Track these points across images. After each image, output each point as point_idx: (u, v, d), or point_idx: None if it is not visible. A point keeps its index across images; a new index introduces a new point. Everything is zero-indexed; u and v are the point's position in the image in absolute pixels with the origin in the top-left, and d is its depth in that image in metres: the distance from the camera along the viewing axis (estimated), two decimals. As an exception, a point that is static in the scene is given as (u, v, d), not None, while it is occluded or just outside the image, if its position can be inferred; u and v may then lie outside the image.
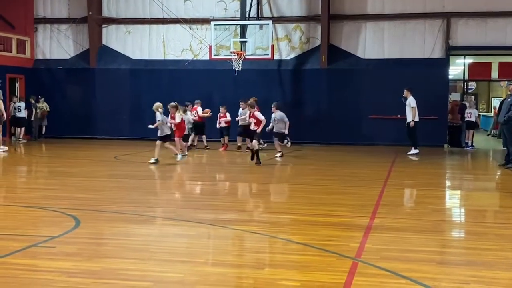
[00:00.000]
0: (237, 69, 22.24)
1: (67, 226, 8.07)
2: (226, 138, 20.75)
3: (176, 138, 16.87)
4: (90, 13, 25.43)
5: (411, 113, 19.23)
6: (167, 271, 5.29)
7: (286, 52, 24.75)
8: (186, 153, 17.30)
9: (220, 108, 20.90)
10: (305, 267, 6.16)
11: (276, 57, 23.87)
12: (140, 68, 25.04)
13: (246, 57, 22.33)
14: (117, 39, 26.09)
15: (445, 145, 23.43)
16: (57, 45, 26.55)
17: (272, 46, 22.95)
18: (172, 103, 16.97)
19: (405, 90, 19.59)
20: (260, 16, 24.39)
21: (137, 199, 10.90)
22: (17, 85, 25.57)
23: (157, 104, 16.41)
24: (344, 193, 11.57)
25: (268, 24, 23.01)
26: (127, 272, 5.84)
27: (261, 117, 16.73)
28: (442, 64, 23.45)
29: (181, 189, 12.82)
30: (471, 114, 23.02)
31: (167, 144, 16.51)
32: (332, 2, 23.89)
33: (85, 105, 25.24)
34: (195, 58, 25.14)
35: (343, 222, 8.69)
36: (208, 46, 23.37)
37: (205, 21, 24.25)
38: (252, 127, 16.75)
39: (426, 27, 23.53)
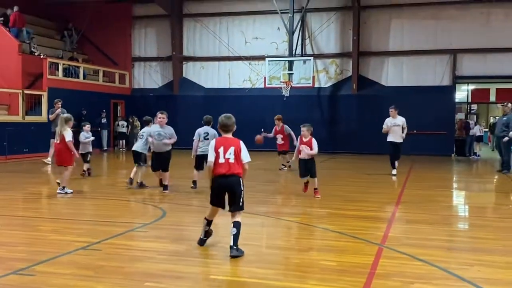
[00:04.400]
0: (285, 95, 22.36)
1: (157, 215, 8.25)
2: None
3: (69, 168, 10.42)
4: (174, 53, 25.97)
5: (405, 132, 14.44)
6: (226, 255, 5.38)
7: (324, 81, 24.69)
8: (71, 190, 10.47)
9: (302, 129, 9.99)
10: (340, 251, 6.13)
11: (316, 85, 23.87)
12: (211, 95, 25.36)
13: (293, 85, 22.43)
14: (194, 72, 26.50)
15: (452, 155, 22.94)
16: (149, 77, 27.16)
17: (313, 77, 23.04)
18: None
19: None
20: (304, 53, 24.43)
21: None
22: (118, 108, 26.22)
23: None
24: (371, 193, 11.42)
25: (310, 59, 23.12)
26: (202, 252, 5.93)
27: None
28: (450, 90, 23.06)
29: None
30: (480, 130, 23.14)
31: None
32: (361, 42, 23.78)
33: (168, 124, 25.58)
34: (253, 87, 25.33)
35: (371, 215, 8.61)
36: (263, 77, 23.60)
37: (261, 58, 24.45)
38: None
39: (436, 60, 23.18)
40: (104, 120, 23.73)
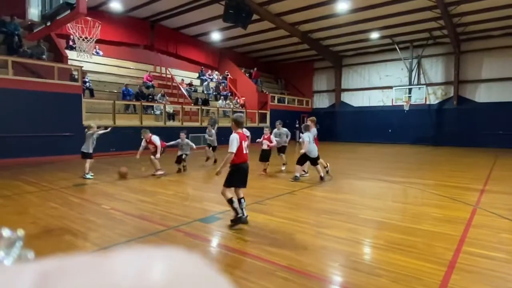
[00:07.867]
0: (406, 109, 20.20)
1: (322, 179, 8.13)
2: None
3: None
4: (336, 87, 25.30)
5: None
6: (370, 204, 5.09)
7: (433, 99, 21.42)
8: None
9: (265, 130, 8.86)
10: (444, 207, 5.39)
11: (427, 102, 20.96)
12: (357, 110, 24.11)
13: (411, 103, 20.19)
14: (347, 97, 25.33)
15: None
16: (321, 101, 26.85)
17: (425, 98, 20.42)
18: None
19: None
20: (418, 83, 21.61)
21: (359, 169, 10.48)
22: (305, 119, 26.50)
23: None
24: (467, 171, 9.70)
25: (423, 87, 20.55)
26: (353, 199, 5.73)
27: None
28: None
29: (379, 165, 11.91)
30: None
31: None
32: (460, 74, 20.15)
33: (330, 132, 25.12)
34: (384, 105, 23.31)
35: (466, 186, 7.33)
36: (391, 99, 21.63)
37: (390, 87, 22.39)
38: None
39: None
40: (297, 125, 24.27)
